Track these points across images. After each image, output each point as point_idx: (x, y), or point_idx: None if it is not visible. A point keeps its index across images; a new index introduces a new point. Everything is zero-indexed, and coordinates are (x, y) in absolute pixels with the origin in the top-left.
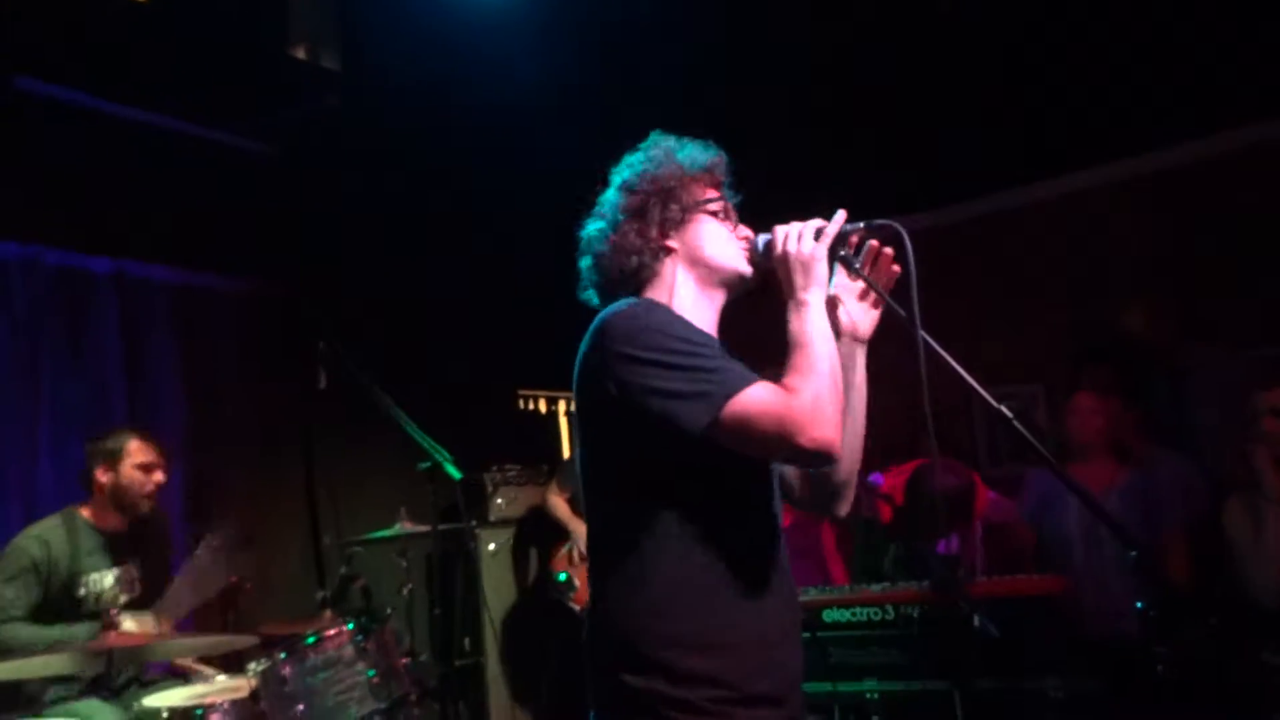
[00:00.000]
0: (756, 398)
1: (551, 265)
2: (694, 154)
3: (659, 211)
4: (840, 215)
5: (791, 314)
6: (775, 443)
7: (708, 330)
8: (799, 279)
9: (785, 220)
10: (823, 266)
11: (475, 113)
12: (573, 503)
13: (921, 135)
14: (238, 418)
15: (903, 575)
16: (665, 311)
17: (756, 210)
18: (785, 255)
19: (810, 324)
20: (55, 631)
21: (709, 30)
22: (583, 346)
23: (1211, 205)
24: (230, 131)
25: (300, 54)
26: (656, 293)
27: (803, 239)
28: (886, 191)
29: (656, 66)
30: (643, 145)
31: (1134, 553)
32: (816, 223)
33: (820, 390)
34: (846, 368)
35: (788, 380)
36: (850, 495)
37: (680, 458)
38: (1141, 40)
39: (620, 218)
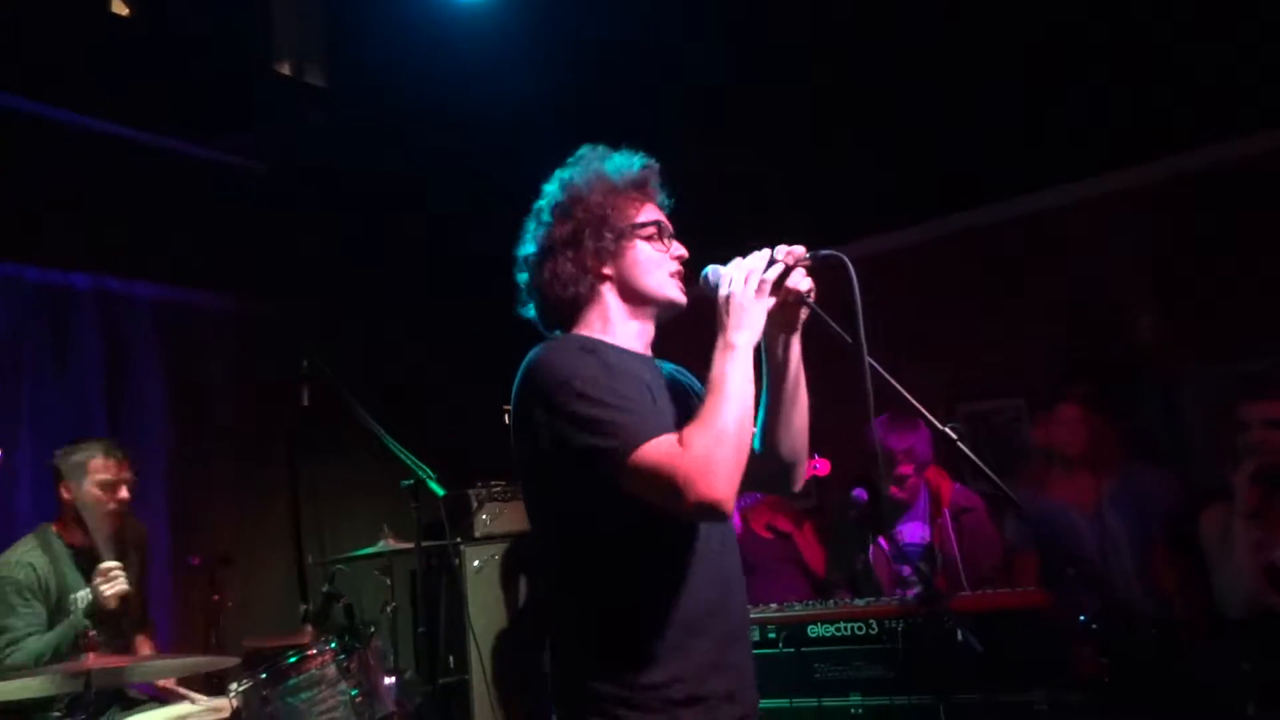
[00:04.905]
0: (652, 453)
1: None
2: (625, 169)
3: (593, 241)
4: (779, 257)
5: (717, 353)
6: (667, 498)
7: (642, 350)
8: (733, 320)
9: (768, 241)
10: (760, 314)
11: (463, 127)
12: None
13: (912, 148)
14: (221, 435)
15: (871, 576)
16: (582, 357)
17: (755, 216)
18: (728, 296)
19: (731, 368)
20: (52, 635)
21: (704, 39)
22: (513, 390)
23: (1202, 218)
24: (215, 147)
25: (286, 70)
26: (591, 319)
27: (748, 283)
28: (877, 205)
29: (650, 80)
30: (571, 160)
31: (1071, 570)
32: (763, 259)
33: (715, 444)
34: (791, 360)
35: (686, 431)
36: (800, 476)
37: (610, 498)
38: (1136, 52)
39: (554, 245)
